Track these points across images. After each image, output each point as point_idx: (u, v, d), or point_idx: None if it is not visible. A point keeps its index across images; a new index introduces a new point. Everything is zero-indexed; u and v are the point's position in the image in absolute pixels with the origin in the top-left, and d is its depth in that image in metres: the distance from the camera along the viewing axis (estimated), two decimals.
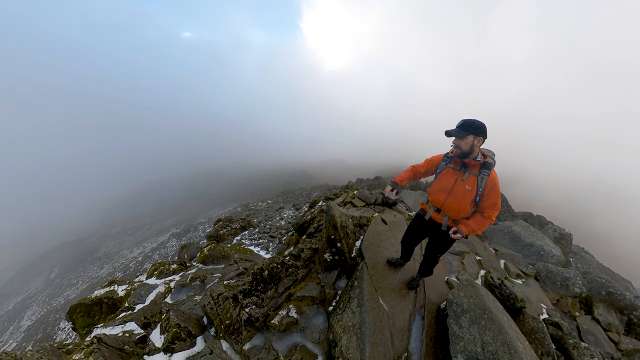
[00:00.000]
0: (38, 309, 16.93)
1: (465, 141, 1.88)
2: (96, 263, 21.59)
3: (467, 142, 1.88)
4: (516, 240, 7.03)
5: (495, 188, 1.93)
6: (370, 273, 2.83)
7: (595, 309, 5.80)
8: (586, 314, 5.64)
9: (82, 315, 4.14)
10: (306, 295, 2.73)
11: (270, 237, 8.47)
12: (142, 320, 2.78)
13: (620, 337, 5.09)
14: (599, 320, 5.48)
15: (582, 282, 6.04)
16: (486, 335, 2.22)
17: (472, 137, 1.86)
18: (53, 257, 25.35)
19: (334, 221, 2.89)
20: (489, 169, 1.92)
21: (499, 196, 1.95)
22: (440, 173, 2.15)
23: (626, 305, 6.02)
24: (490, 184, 1.92)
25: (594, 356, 3.19)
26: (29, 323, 15.24)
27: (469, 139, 1.86)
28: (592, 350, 3.28)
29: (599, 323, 5.40)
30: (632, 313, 5.89)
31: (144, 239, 23.73)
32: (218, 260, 5.69)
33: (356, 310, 2.42)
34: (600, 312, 5.71)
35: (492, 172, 1.93)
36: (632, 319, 5.82)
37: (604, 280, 6.59)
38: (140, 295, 4.45)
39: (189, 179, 55.72)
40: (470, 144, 1.88)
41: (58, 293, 18.28)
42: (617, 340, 4.97)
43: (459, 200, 2.01)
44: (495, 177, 1.93)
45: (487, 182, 1.92)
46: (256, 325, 2.45)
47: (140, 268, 16.93)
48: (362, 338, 2.20)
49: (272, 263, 2.84)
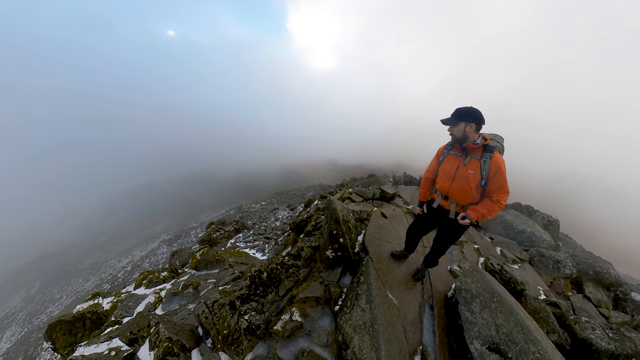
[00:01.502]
0: (18, 329, 15.78)
1: (457, 128, 1.96)
2: (81, 275, 20.38)
3: (459, 129, 1.95)
4: (509, 228, 7.23)
5: (499, 170, 1.88)
6: (376, 267, 2.70)
7: (586, 287, 6.05)
8: (578, 292, 5.87)
9: (62, 333, 3.77)
10: (310, 296, 2.56)
11: (266, 239, 8.23)
12: (128, 335, 2.50)
13: (610, 312, 5.33)
14: (590, 297, 5.72)
15: (572, 263, 6.27)
16: (498, 318, 2.20)
17: (463, 124, 1.93)
18: (33, 271, 23.66)
19: (335, 215, 2.72)
20: (491, 151, 1.90)
21: (505, 179, 1.90)
22: (444, 160, 2.17)
23: (612, 282, 6.33)
24: (494, 166, 1.88)
25: (595, 328, 3.26)
26: (8, 345, 14.17)
27: (460, 126, 1.94)
28: (592, 323, 3.35)
29: (590, 300, 5.64)
30: (618, 289, 6.20)
31: (133, 247, 22.66)
32: (212, 265, 5.40)
33: (365, 307, 2.28)
34: (590, 290, 5.96)
35: (495, 154, 1.90)
36: (618, 294, 6.13)
37: (591, 261, 6.90)
38: (127, 307, 4.12)
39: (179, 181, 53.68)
40: (462, 131, 1.95)
41: (40, 310, 17.11)
42: (607, 315, 5.20)
43: (464, 185, 2.00)
44: (498, 159, 1.90)
45: (490, 165, 1.89)
46: (257, 333, 2.25)
47: (130, 278, 16.14)
48: (375, 336, 2.07)
49: (271, 264, 2.64)
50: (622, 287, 6.22)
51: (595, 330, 3.18)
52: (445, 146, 2.23)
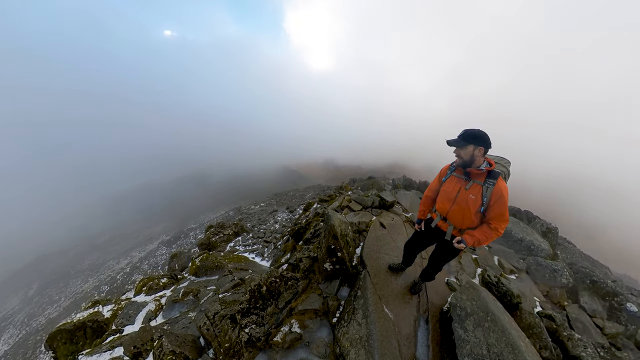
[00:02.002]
0: (16, 331, 15.73)
1: (465, 151, 1.88)
2: (80, 276, 20.36)
3: (467, 151, 1.88)
4: (507, 236, 7.27)
5: (501, 199, 1.84)
6: (374, 281, 2.78)
7: (581, 297, 6.11)
8: (573, 302, 5.93)
9: (63, 342, 3.81)
10: (308, 309, 2.64)
11: (265, 242, 8.28)
12: (132, 350, 2.57)
13: (605, 323, 5.38)
14: (585, 308, 5.78)
15: (568, 273, 6.34)
16: (490, 337, 2.25)
17: (472, 147, 1.85)
18: (31, 272, 23.60)
19: (333, 231, 2.80)
20: (496, 178, 1.85)
21: (506, 207, 1.87)
22: (446, 181, 2.14)
23: (608, 292, 6.39)
24: (496, 194, 1.84)
25: (587, 346, 3.32)
26: (6, 348, 14.13)
27: (468, 148, 1.86)
28: (585, 341, 3.42)
29: (585, 311, 5.69)
30: (614, 299, 6.25)
31: (132, 248, 22.66)
32: (211, 271, 5.46)
33: (362, 321, 2.36)
34: (586, 300, 6.02)
35: (499, 181, 1.85)
36: (614, 304, 6.18)
37: (588, 270, 6.95)
38: (128, 315, 4.17)
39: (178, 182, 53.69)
40: (470, 154, 1.87)
41: (38, 312, 17.07)
42: (602, 326, 5.25)
43: (463, 210, 1.98)
44: (502, 187, 1.85)
45: (493, 192, 1.84)
46: (258, 345, 2.33)
47: (128, 280, 16.13)
48: (370, 351, 2.14)
49: (270, 278, 2.72)
50: (618, 297, 6.28)
51: (587, 348, 3.24)
52: (449, 166, 2.16)
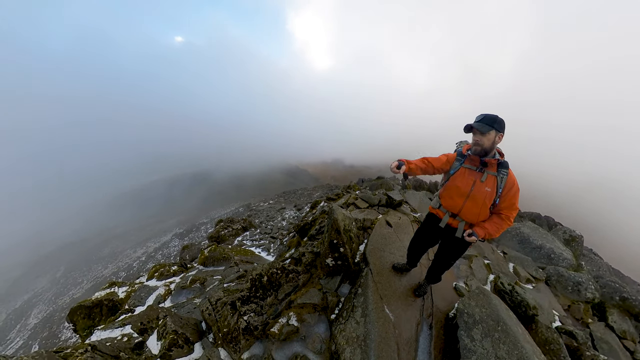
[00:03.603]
0: (44, 307, 17.16)
1: (488, 137, 1.73)
2: (100, 262, 21.81)
3: (489, 137, 1.73)
4: (525, 242, 6.80)
5: (514, 187, 1.80)
6: (375, 280, 2.70)
7: (609, 315, 5.56)
8: (599, 320, 5.41)
9: (82, 317, 4.10)
10: (307, 302, 2.62)
11: (272, 238, 8.39)
12: (139, 326, 2.70)
13: (637, 346, 4.86)
14: (614, 327, 5.25)
15: (594, 287, 5.81)
16: (500, 349, 2.07)
17: (494, 133, 1.72)
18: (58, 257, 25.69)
19: (336, 225, 2.76)
20: (507, 167, 1.81)
21: (517, 196, 1.82)
22: (455, 174, 1.95)
23: None
24: (509, 183, 1.80)
25: None
26: (35, 321, 15.44)
27: (491, 134, 1.72)
28: None
29: (614, 330, 5.17)
30: None
31: (147, 239, 23.90)
32: (218, 262, 5.61)
33: (360, 320, 2.30)
34: (615, 319, 5.47)
35: (509, 170, 1.82)
36: None
37: (618, 285, 6.33)
38: (140, 297, 4.39)
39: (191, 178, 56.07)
40: (492, 140, 1.75)
41: (63, 292, 18.50)
42: (633, 349, 4.74)
43: (479, 204, 1.85)
44: (513, 176, 1.82)
45: (507, 182, 1.80)
46: (255, 334, 2.34)
47: (144, 268, 17.03)
48: (366, 351, 2.07)
49: (271, 268, 2.73)
50: None
51: None
52: (456, 157, 1.98)
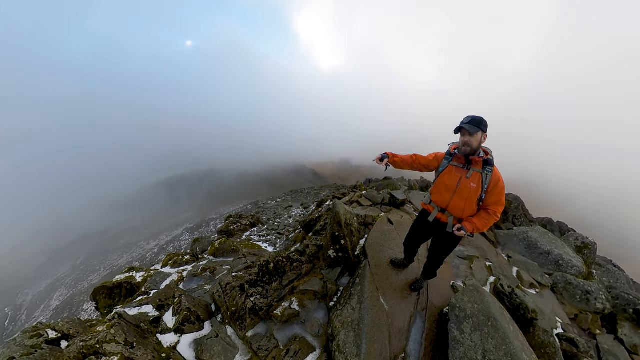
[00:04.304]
0: (65, 291, 18.41)
1: (476, 137, 1.87)
2: (116, 252, 23.06)
3: (477, 138, 1.87)
4: (532, 247, 6.65)
5: (499, 184, 1.93)
6: (373, 272, 2.86)
7: (620, 328, 5.35)
8: (608, 332, 5.23)
9: (104, 296, 4.52)
10: (309, 290, 2.82)
11: (278, 234, 8.67)
12: (157, 302, 3.00)
13: None
14: (623, 340, 5.06)
15: (605, 297, 5.61)
16: (489, 343, 2.15)
17: (481, 133, 1.87)
18: (79, 246, 27.44)
19: (338, 218, 2.95)
20: (492, 165, 1.93)
21: (503, 192, 1.95)
22: (443, 172, 2.11)
23: None
24: (494, 180, 1.92)
25: None
26: (57, 303, 16.60)
27: (478, 135, 1.86)
28: None
29: (623, 344, 4.99)
30: None
31: (160, 232, 25.00)
32: (228, 253, 5.93)
33: (356, 307, 2.47)
34: (626, 332, 5.27)
35: (494, 168, 1.94)
36: None
37: (632, 297, 6.07)
38: (155, 282, 4.76)
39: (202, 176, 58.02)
40: (479, 140, 1.88)
41: (83, 278, 19.76)
42: None
43: (465, 199, 2.00)
44: (498, 173, 1.94)
45: (492, 178, 1.92)
46: (260, 314, 2.57)
47: (156, 259, 17.88)
48: (359, 334, 2.24)
49: (278, 256, 2.96)
50: None
51: None
52: (445, 155, 2.12)
